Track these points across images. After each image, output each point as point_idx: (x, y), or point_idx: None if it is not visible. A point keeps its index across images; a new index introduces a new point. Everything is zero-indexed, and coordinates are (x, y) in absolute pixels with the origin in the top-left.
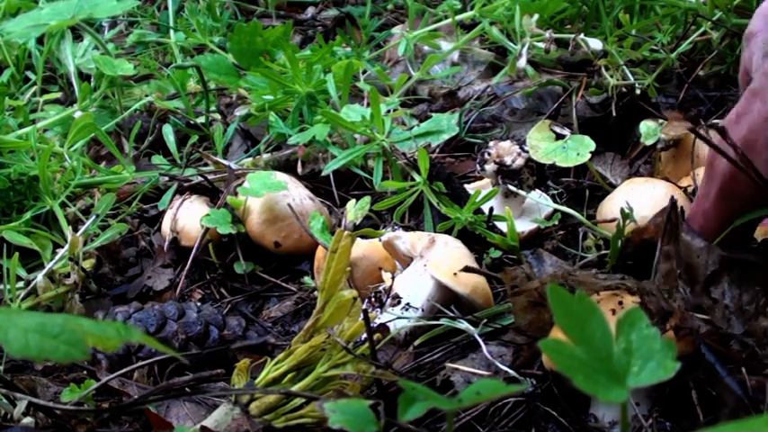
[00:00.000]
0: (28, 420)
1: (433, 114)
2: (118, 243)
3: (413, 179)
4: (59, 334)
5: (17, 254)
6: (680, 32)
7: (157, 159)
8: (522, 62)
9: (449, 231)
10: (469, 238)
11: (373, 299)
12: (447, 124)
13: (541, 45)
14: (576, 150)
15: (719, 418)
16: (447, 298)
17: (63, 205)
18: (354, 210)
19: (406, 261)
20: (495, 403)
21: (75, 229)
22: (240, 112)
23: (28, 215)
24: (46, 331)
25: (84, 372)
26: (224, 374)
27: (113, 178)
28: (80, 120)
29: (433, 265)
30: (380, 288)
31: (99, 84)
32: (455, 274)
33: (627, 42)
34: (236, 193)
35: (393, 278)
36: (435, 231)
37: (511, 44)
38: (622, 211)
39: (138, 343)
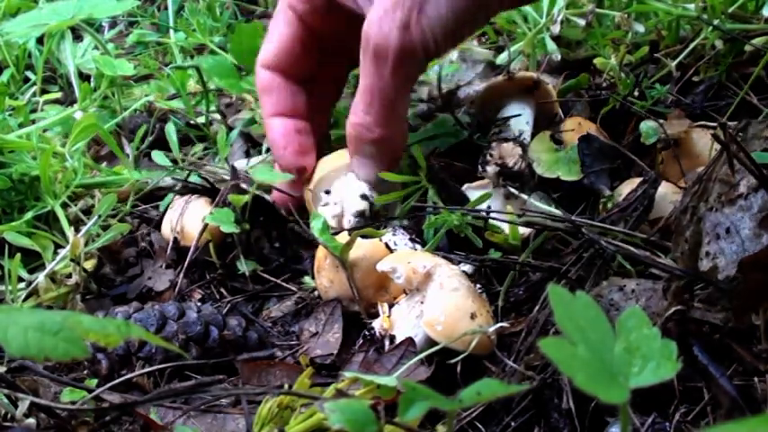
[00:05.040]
0: (29, 421)
1: (439, 115)
2: (119, 243)
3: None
4: (59, 331)
5: (18, 255)
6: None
7: (158, 156)
8: (555, 28)
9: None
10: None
11: (368, 337)
12: (452, 128)
13: (578, 20)
14: (578, 162)
15: (716, 420)
16: None
17: (64, 205)
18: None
19: (404, 289)
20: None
21: (77, 230)
22: (243, 116)
23: (29, 215)
24: (45, 329)
25: (85, 372)
26: (225, 379)
27: (116, 179)
28: (82, 120)
29: (427, 323)
30: (374, 325)
31: (99, 84)
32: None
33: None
34: (239, 192)
35: (390, 309)
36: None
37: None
38: None
39: (139, 343)
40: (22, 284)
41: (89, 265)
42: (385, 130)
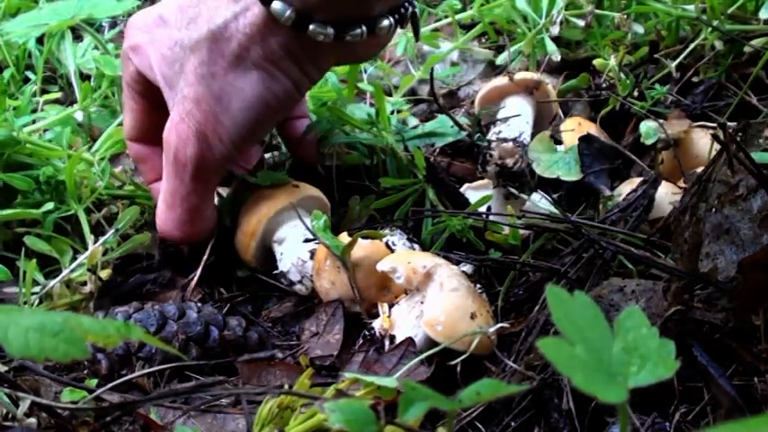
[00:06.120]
0: (30, 420)
1: (438, 115)
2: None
3: (416, 176)
4: (59, 332)
5: (35, 259)
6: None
7: None
8: (555, 29)
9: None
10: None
11: (368, 337)
12: (452, 126)
13: (577, 21)
14: (578, 162)
15: (715, 420)
16: None
17: (88, 211)
18: (358, 209)
19: (403, 289)
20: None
21: (98, 236)
22: None
23: (51, 218)
24: (46, 330)
25: (85, 372)
26: (225, 380)
27: (146, 194)
28: (115, 133)
29: (427, 323)
30: (374, 325)
31: (99, 83)
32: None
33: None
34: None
35: (390, 309)
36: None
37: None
38: None
39: (139, 343)
40: (37, 288)
41: (104, 274)
42: (188, 230)
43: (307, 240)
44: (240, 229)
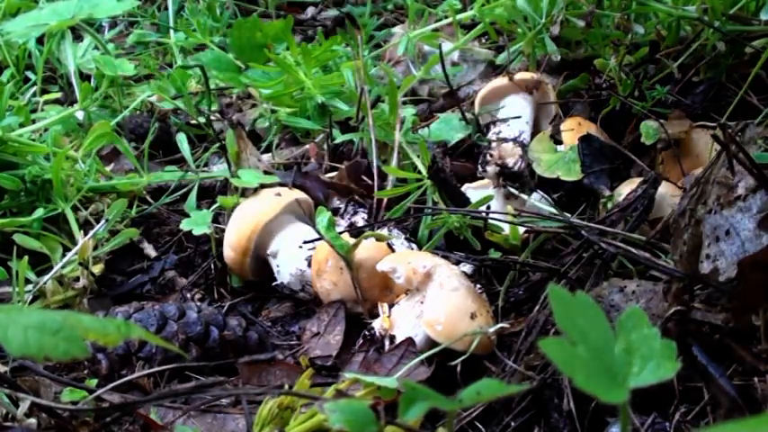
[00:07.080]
0: (30, 421)
1: (440, 115)
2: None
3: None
4: (59, 331)
5: (26, 257)
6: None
7: (170, 169)
8: (555, 29)
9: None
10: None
11: (368, 337)
12: (458, 124)
13: (577, 21)
14: (578, 162)
15: (715, 420)
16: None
17: (75, 209)
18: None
19: (404, 289)
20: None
21: (86, 233)
22: (250, 115)
23: (40, 213)
24: (45, 328)
25: (86, 372)
26: (225, 380)
27: (129, 181)
28: (97, 128)
29: (427, 323)
30: (374, 325)
31: (99, 83)
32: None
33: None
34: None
35: (390, 309)
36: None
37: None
38: None
39: (139, 343)
40: (30, 286)
41: (97, 269)
42: None
43: (303, 244)
44: (231, 247)
